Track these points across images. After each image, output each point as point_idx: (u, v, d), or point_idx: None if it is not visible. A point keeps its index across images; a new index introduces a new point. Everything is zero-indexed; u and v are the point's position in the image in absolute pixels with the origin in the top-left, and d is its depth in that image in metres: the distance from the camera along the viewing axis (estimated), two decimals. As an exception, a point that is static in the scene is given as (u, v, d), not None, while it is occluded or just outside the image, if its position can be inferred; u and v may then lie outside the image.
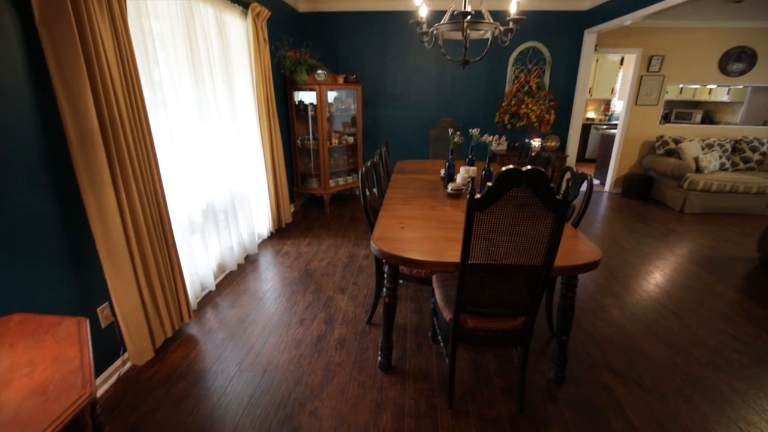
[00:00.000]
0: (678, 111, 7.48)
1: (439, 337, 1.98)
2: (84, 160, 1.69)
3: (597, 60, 7.49)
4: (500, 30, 2.31)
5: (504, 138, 5.20)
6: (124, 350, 2.06)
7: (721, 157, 5.29)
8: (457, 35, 2.35)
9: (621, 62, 7.61)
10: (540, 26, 4.83)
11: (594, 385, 1.99)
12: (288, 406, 1.84)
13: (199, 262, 2.77)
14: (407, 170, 3.61)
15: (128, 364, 2.09)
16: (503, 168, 1.32)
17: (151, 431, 1.71)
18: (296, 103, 4.57)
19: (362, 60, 5.14)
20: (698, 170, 5.07)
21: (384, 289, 1.92)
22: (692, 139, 5.36)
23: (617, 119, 7.04)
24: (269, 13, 3.56)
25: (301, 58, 4.22)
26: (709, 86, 6.95)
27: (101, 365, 1.94)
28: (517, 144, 5.18)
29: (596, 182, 6.49)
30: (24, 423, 0.87)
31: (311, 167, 4.79)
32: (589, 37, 4.81)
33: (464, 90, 5.20)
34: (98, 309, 1.92)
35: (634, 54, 5.41)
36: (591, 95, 7.82)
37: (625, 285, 3.06)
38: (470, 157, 2.98)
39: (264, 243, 3.84)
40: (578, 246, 1.80)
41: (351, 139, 4.97)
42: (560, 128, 5.25)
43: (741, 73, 5.44)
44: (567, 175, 2.35)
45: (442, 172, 3.07)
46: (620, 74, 7.72)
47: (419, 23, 2.41)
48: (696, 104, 7.65)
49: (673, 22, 5.19)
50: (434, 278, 2.05)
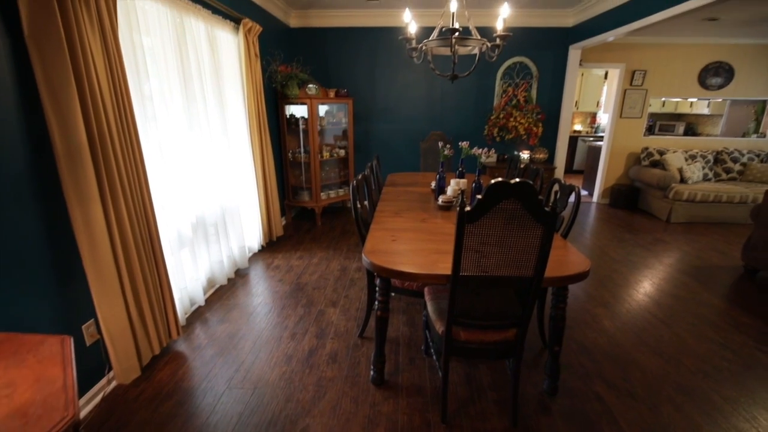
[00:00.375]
0: (661, 123, 7.69)
1: (432, 350, 1.97)
2: (71, 175, 1.67)
3: (582, 74, 7.69)
4: (487, 46, 2.36)
5: (493, 150, 5.24)
6: (110, 369, 2.01)
7: (704, 168, 5.43)
8: (446, 51, 2.40)
9: (605, 76, 7.82)
10: (526, 42, 4.96)
11: (587, 396, 1.99)
12: (279, 424, 1.80)
13: (188, 277, 2.73)
14: (398, 183, 3.63)
15: (114, 383, 2.03)
16: (492, 180, 1.34)
17: (137, 453, 1.66)
18: (287, 117, 4.59)
19: (353, 74, 5.21)
20: (682, 181, 5.18)
21: (376, 303, 1.91)
22: (676, 151, 5.50)
23: (603, 131, 7.20)
24: (260, 29, 3.60)
25: (293, 73, 4.26)
26: (690, 99, 7.17)
27: (85, 385, 1.88)
28: (507, 156, 5.25)
29: (584, 193, 6.60)
30: (3, 448, 0.83)
31: (302, 180, 4.79)
32: (574, 53, 4.95)
33: (454, 104, 5.29)
34: (83, 326, 1.87)
35: (618, 69, 5.57)
36: (577, 108, 8.00)
37: (615, 295, 3.09)
38: (460, 170, 3.02)
39: (255, 256, 3.81)
40: (568, 257, 1.82)
41: (342, 152, 4.99)
42: (548, 140, 5.35)
43: (719, 87, 5.63)
44: (555, 187, 2.38)
45: (433, 185, 3.10)
46: (605, 88, 7.92)
47: (408, 39, 2.46)
48: (678, 117, 7.88)
49: (654, 39, 5.38)
50: (426, 291, 2.05)
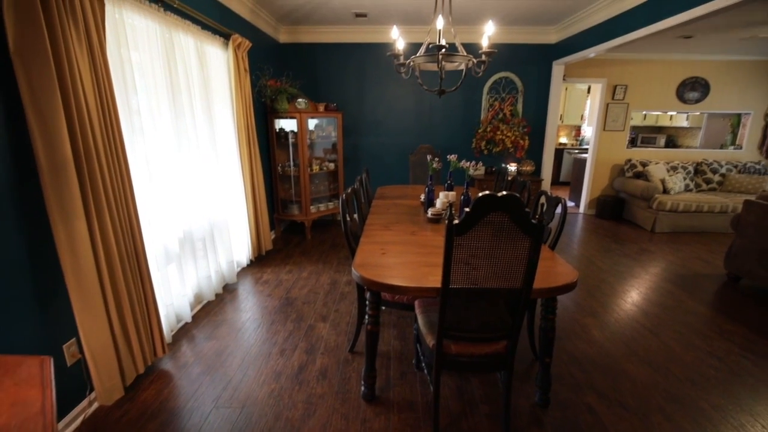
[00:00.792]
0: (643, 135, 7.91)
1: (423, 364, 1.95)
2: (55, 191, 1.65)
3: (566, 89, 7.90)
4: (473, 62, 2.42)
5: (481, 163, 5.34)
6: (91, 389, 1.94)
7: (685, 179, 5.58)
8: (433, 67, 2.45)
9: (588, 91, 8.05)
10: (511, 58, 5.10)
11: (579, 408, 1.99)
12: (267, 444, 1.76)
13: (175, 293, 2.68)
14: (388, 196, 3.65)
15: (95, 405, 1.96)
16: (480, 193, 1.36)
17: (119, 478, 1.59)
18: (277, 131, 4.61)
19: (342, 89, 5.27)
20: (665, 191, 5.31)
21: (366, 317, 1.90)
22: (658, 162, 5.65)
23: (588, 144, 7.37)
24: (250, 44, 3.64)
25: (282, 87, 4.30)
26: (670, 113, 7.41)
27: (65, 407, 1.81)
28: (495, 169, 5.33)
29: (571, 204, 6.71)
30: (-24, 476, 0.80)
31: (292, 193, 4.78)
32: (558, 68, 5.10)
33: (442, 117, 5.37)
34: (64, 346, 1.82)
35: (600, 83, 5.75)
36: (562, 121, 8.20)
37: (604, 304, 3.12)
38: (449, 182, 3.05)
39: (243, 271, 3.76)
40: (556, 268, 1.84)
41: (332, 166, 5.01)
42: (535, 153, 5.45)
43: (697, 101, 5.84)
44: (542, 199, 2.42)
45: (422, 198, 3.12)
46: (588, 102, 8.15)
47: (396, 55, 2.50)
48: (659, 129, 8.13)
49: (634, 55, 5.57)
50: (416, 304, 2.04)
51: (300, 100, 4.44)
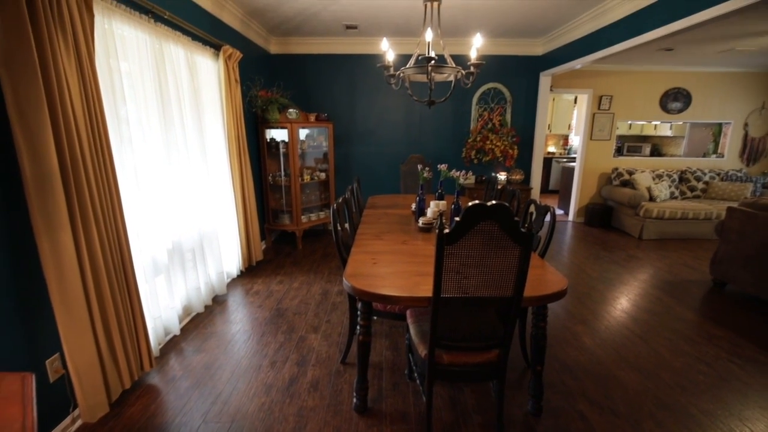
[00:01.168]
0: (629, 145, 8.07)
1: (416, 374, 1.94)
2: (40, 202, 1.62)
3: (553, 99, 8.05)
4: (462, 73, 2.46)
5: (471, 173, 5.40)
6: (75, 406, 1.88)
7: (671, 187, 5.70)
8: (423, 78, 2.48)
9: (575, 101, 8.22)
10: (500, 69, 5.19)
11: (571, 416, 1.99)
12: (257, 459, 1.72)
13: (163, 305, 2.63)
14: (379, 205, 3.65)
15: (79, 422, 1.90)
16: (470, 203, 1.37)
17: (103, 499, 1.54)
18: (268, 141, 4.60)
19: (333, 99, 5.30)
20: (651, 199, 5.42)
21: (358, 327, 1.89)
22: (644, 171, 5.77)
23: (575, 153, 7.50)
24: (241, 55, 3.65)
25: (273, 98, 4.31)
26: (654, 122, 7.58)
27: (47, 425, 1.76)
28: (485, 178, 5.38)
29: (560, 212, 6.79)
30: (-49, 500, 0.77)
31: (283, 203, 4.76)
32: (545, 79, 5.20)
33: (432, 127, 5.43)
34: (47, 361, 1.77)
35: (586, 94, 5.88)
36: (550, 131, 8.34)
37: (594, 312, 3.15)
38: (440, 192, 3.07)
39: (233, 282, 3.71)
40: (546, 276, 1.86)
41: (323, 175, 5.01)
42: (524, 162, 5.53)
43: (679, 111, 6.00)
44: (531, 208, 2.45)
45: (413, 207, 3.13)
46: (575, 112, 8.31)
47: (386, 67, 2.54)
48: (644, 138, 8.31)
49: (618, 66, 5.72)
50: (408, 313, 2.04)
51: (291, 110, 4.46)
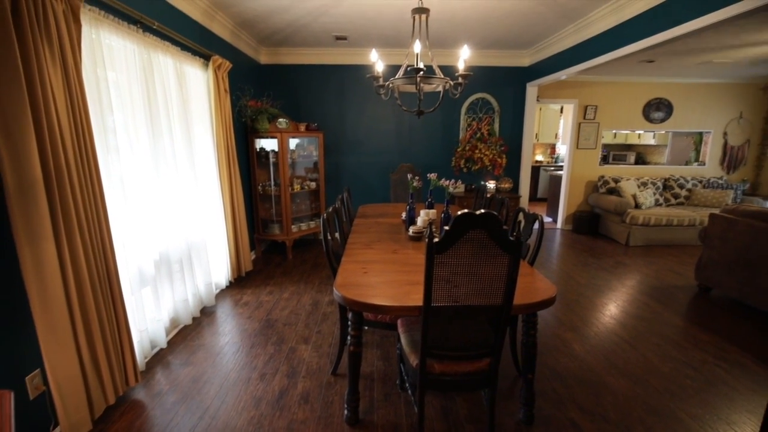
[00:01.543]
0: (614, 153, 8.25)
1: (407, 385, 1.93)
2: (22, 212, 1.58)
3: (540, 109, 8.20)
4: (450, 84, 2.50)
5: (460, 181, 5.45)
6: (56, 424, 1.82)
7: (655, 194, 5.82)
8: (412, 88, 2.51)
9: (561, 111, 8.38)
10: (487, 80, 5.28)
11: (562, 424, 1.99)
12: (246, 475, 1.68)
13: (150, 318, 2.58)
14: (369, 214, 3.66)
15: (60, 441, 1.84)
16: (459, 212, 1.38)
17: None
18: (258, 150, 4.59)
19: (324, 109, 5.32)
20: (637, 206, 5.52)
21: (348, 337, 1.87)
22: (629, 179, 5.89)
23: (563, 161, 7.63)
24: (230, 65, 3.65)
25: (263, 107, 4.31)
26: (637, 131, 7.77)
27: (26, 445, 1.70)
28: (474, 186, 5.44)
29: (549, 220, 6.87)
30: None
31: (273, 213, 4.73)
32: (531, 90, 5.31)
33: (421, 137, 5.48)
34: (27, 377, 1.71)
35: (572, 104, 6.01)
36: (537, 140, 8.48)
37: (583, 318, 3.17)
38: (429, 200, 3.09)
39: (222, 293, 3.66)
40: (535, 283, 1.88)
41: (313, 185, 5.00)
42: (512, 171, 5.60)
43: (662, 121, 6.17)
44: (520, 216, 2.48)
45: (404, 216, 3.14)
46: (561, 121, 8.47)
47: (376, 77, 2.56)
48: (629, 147, 8.50)
49: (602, 77, 5.87)
50: (399, 323, 2.03)
51: (281, 120, 4.46)
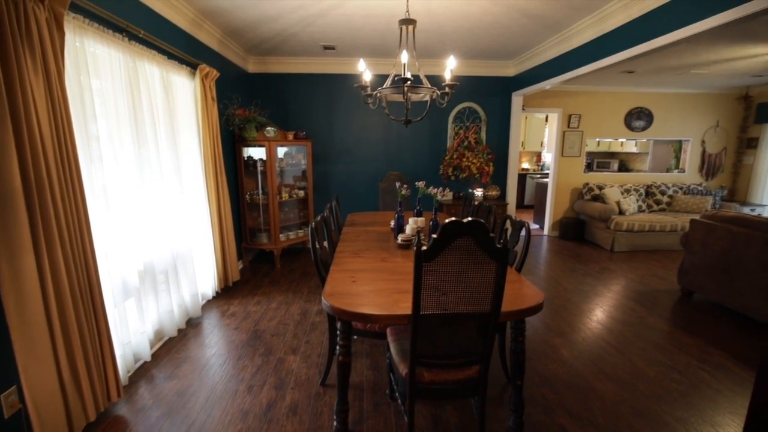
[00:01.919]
0: (598, 161, 8.43)
1: (397, 394, 1.91)
2: (1, 224, 1.54)
3: (526, 117, 8.36)
4: (437, 94, 2.54)
5: (448, 189, 5.52)
6: (33, 444, 1.75)
7: (638, 201, 5.96)
8: (399, 98, 2.54)
9: (546, 119, 8.56)
10: (474, 89, 5.37)
11: (552, 430, 2.00)
12: (233, 491, 1.64)
13: (133, 330, 2.51)
14: (358, 223, 3.65)
15: (37, 461, 1.77)
16: (446, 220, 1.39)
17: None
18: (245, 159, 4.56)
19: (312, 117, 5.33)
20: (621, 213, 5.64)
21: (337, 347, 1.85)
22: (613, 186, 6.02)
23: (548, 169, 7.76)
24: (218, 74, 3.64)
25: (250, 116, 4.29)
26: (620, 140, 7.96)
27: (1, 466, 1.63)
28: (462, 194, 5.49)
29: (536, 227, 6.96)
30: None
31: (260, 222, 4.69)
32: (517, 99, 5.41)
33: (410, 145, 5.52)
34: (2, 395, 1.65)
35: (556, 113, 6.14)
36: (523, 148, 8.62)
37: (571, 324, 3.21)
38: (418, 208, 3.10)
39: (209, 304, 3.60)
40: (522, 290, 1.89)
41: (302, 193, 4.98)
42: (499, 178, 5.67)
43: (643, 129, 6.34)
44: (507, 224, 2.51)
45: (392, 224, 3.15)
46: (546, 130, 8.64)
47: (364, 87, 2.58)
48: (612, 155, 8.70)
49: (585, 87, 6.02)
50: (389, 331, 2.02)
51: (269, 129, 4.45)
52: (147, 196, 2.68)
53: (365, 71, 2.57)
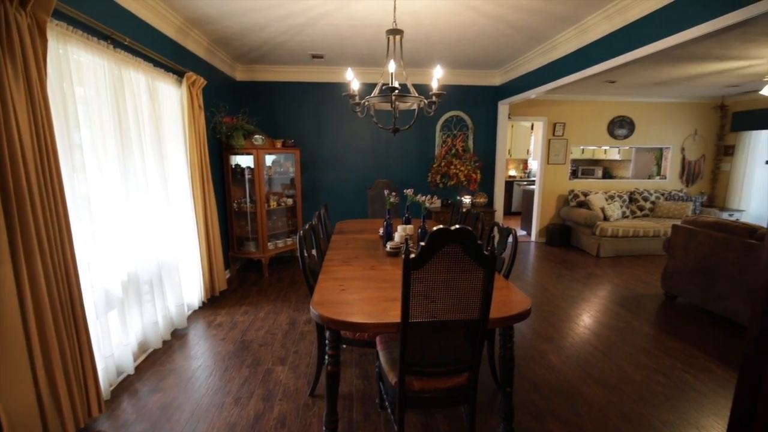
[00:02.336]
0: (583, 168, 8.58)
1: (387, 403, 1.89)
2: (-23, 236, 1.50)
3: (512, 125, 8.49)
4: (425, 102, 2.56)
5: (436, 197, 5.56)
6: (9, 463, 1.68)
7: (622, 207, 6.09)
8: (387, 106, 2.56)
9: (532, 128, 8.71)
10: (461, 98, 5.45)
11: (541, 436, 2.00)
12: (219, 508, 1.60)
13: (116, 342, 2.45)
14: (347, 230, 3.64)
15: (12, 482, 1.70)
16: (434, 228, 1.40)
17: None
18: (233, 167, 4.53)
19: (300, 126, 5.33)
20: (605, 219, 5.75)
21: (326, 357, 1.84)
22: (597, 192, 6.14)
23: (535, 176, 7.88)
24: (205, 82, 3.62)
25: (238, 124, 4.27)
26: (603, 147, 8.15)
27: (-26, 488, 1.55)
28: (450, 201, 5.53)
29: (523, 233, 7.04)
30: None
31: (248, 230, 4.64)
32: (503, 108, 5.50)
33: (398, 153, 5.55)
34: (-23, 413, 1.58)
35: (541, 121, 6.25)
36: (510, 156, 8.74)
37: (559, 330, 3.24)
38: (407, 216, 3.11)
39: (195, 314, 3.53)
40: (510, 297, 1.91)
41: (290, 201, 4.96)
42: (487, 185, 5.74)
43: (625, 137, 6.50)
44: (494, 231, 2.53)
45: (381, 231, 3.15)
46: (532, 138, 8.79)
47: (352, 96, 2.60)
48: (596, 162, 8.88)
49: (569, 96, 6.16)
50: (378, 340, 2.01)
51: (257, 137, 4.43)
52: (131, 205, 2.63)
53: (353, 80, 2.58)
